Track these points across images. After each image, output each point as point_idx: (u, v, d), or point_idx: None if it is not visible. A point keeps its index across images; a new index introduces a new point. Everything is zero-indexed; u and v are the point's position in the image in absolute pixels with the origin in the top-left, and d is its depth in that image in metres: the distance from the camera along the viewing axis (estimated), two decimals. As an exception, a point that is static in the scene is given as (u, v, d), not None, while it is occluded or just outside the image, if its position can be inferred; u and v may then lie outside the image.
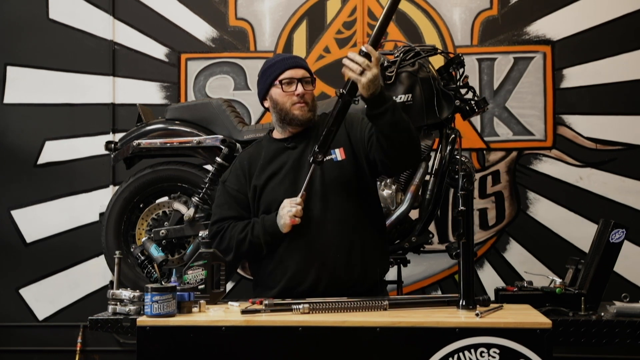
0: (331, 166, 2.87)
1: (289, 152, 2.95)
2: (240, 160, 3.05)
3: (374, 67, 2.63)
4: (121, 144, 3.63)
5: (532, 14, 4.21)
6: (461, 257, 2.55)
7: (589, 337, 2.82)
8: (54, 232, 4.41)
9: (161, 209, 3.60)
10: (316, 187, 2.84)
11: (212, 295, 2.75)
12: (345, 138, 2.92)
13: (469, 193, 2.56)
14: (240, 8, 4.38)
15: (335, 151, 2.89)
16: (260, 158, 2.99)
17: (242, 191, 2.97)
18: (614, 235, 2.95)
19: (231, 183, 3.00)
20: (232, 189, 2.98)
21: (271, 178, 2.92)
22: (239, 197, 2.96)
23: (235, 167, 3.04)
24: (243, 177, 2.98)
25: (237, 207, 2.96)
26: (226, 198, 2.99)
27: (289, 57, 3.02)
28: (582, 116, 4.17)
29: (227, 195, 2.99)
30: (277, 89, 2.93)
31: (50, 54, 4.43)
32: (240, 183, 2.98)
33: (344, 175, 2.87)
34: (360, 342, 2.33)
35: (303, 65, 2.97)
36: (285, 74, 2.92)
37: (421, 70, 3.31)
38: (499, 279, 4.14)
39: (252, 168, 2.97)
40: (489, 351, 2.29)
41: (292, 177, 2.89)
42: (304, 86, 2.91)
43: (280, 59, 2.99)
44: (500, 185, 4.22)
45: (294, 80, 2.90)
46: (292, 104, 2.90)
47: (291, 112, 2.91)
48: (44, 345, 4.37)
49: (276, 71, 2.94)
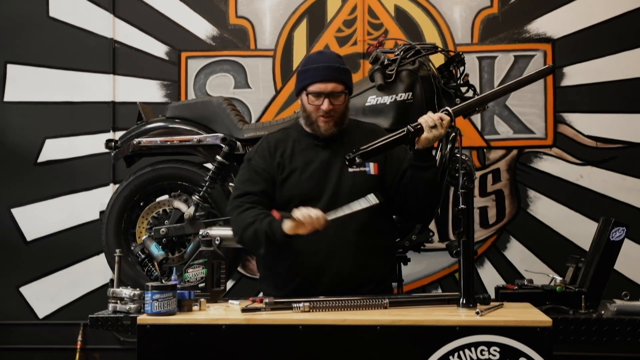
0: (363, 178, 2.86)
1: (318, 149, 2.92)
2: (267, 142, 2.98)
3: (443, 128, 2.76)
4: (121, 142, 3.63)
5: (533, 12, 4.21)
6: (461, 256, 2.55)
7: (590, 335, 2.83)
8: (55, 230, 4.41)
9: (161, 207, 3.60)
10: (344, 194, 2.81)
11: (212, 293, 2.75)
12: (382, 157, 2.90)
13: (469, 191, 2.57)
14: (240, 6, 4.38)
15: (369, 165, 2.88)
16: (287, 146, 2.94)
17: (269, 170, 2.90)
18: (615, 234, 2.95)
19: (256, 162, 2.93)
20: (257, 166, 2.92)
21: (296, 171, 2.89)
22: (264, 174, 2.90)
23: (262, 147, 2.97)
24: (270, 157, 2.92)
25: (262, 182, 2.89)
26: (251, 174, 2.92)
27: (322, 67, 2.86)
28: (582, 114, 4.16)
29: (252, 171, 2.92)
30: (305, 97, 2.88)
31: (51, 52, 4.42)
32: (266, 162, 2.91)
33: (372, 189, 2.82)
34: (360, 341, 2.34)
35: (335, 78, 2.86)
36: (313, 87, 2.85)
37: (421, 69, 3.31)
38: (499, 277, 4.14)
39: (279, 153, 2.92)
40: (490, 349, 2.29)
41: (318, 177, 2.87)
42: (332, 101, 2.84)
43: (313, 67, 2.87)
44: (501, 183, 4.22)
45: (322, 94, 2.84)
46: (318, 116, 2.86)
47: (316, 123, 2.88)
48: (45, 343, 4.37)
49: (306, 80, 2.87)
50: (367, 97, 3.29)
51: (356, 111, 3.24)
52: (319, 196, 2.81)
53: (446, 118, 2.78)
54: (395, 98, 3.26)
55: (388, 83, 3.25)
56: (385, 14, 4.28)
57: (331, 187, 2.84)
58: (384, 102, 3.28)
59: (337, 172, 2.87)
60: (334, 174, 2.87)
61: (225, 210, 3.00)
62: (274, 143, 2.96)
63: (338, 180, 2.86)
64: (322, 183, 2.85)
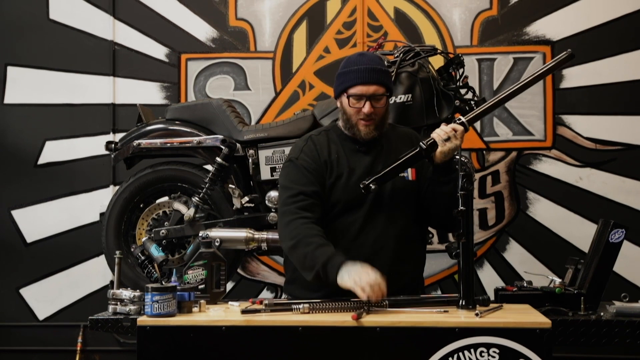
0: (402, 184, 2.84)
1: (360, 155, 2.87)
2: (313, 142, 2.88)
3: (458, 139, 2.72)
4: (121, 144, 3.63)
5: (532, 14, 4.21)
6: (461, 257, 2.55)
7: (589, 337, 2.82)
8: (55, 232, 4.42)
9: (161, 209, 3.61)
10: (385, 200, 2.79)
11: (212, 295, 2.76)
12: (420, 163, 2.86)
13: (468, 193, 2.57)
14: (240, 8, 4.38)
15: (408, 170, 2.86)
16: (332, 149, 2.87)
17: (318, 170, 2.81)
18: (614, 235, 2.95)
19: (305, 161, 2.83)
20: (308, 165, 2.82)
21: (342, 176, 2.83)
22: (315, 174, 2.81)
23: (309, 147, 2.87)
24: (319, 157, 2.84)
25: (314, 182, 2.79)
26: (302, 173, 2.81)
27: (364, 69, 2.77)
28: (581, 116, 4.17)
29: (303, 170, 2.81)
30: (345, 100, 2.81)
31: (51, 54, 4.43)
32: (316, 162, 2.83)
33: (410, 195, 2.84)
34: (360, 342, 2.34)
35: (377, 80, 2.78)
36: (355, 89, 2.77)
37: (421, 71, 3.32)
38: (498, 278, 4.14)
39: (326, 154, 2.85)
40: (489, 351, 2.29)
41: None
42: (374, 103, 2.77)
43: (355, 68, 2.78)
44: (500, 185, 4.22)
45: (363, 97, 2.77)
46: (358, 119, 2.80)
47: (356, 127, 2.82)
48: (45, 345, 4.37)
49: (347, 82, 2.79)
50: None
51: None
52: (362, 202, 2.77)
53: (459, 128, 2.74)
54: (395, 100, 3.27)
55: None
56: (385, 16, 4.28)
57: (373, 193, 2.79)
58: (383, 103, 3.28)
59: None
60: None
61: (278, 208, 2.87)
62: (319, 144, 2.88)
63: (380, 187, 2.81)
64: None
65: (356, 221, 2.80)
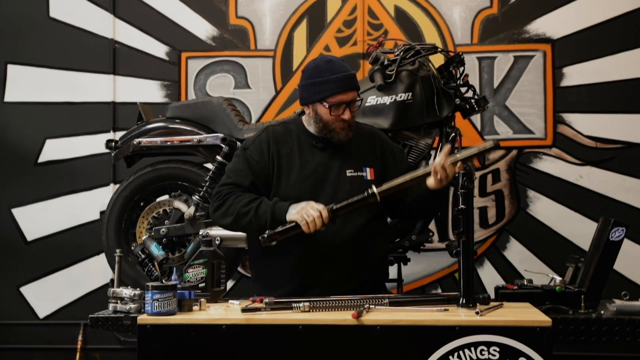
0: (360, 182, 2.84)
1: (315, 151, 2.89)
2: (267, 134, 2.92)
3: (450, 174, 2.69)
4: (122, 143, 3.63)
5: (532, 12, 4.21)
6: (461, 256, 2.56)
7: (589, 335, 2.83)
8: (55, 230, 4.42)
9: (162, 207, 3.61)
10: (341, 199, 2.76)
11: (212, 293, 2.76)
12: (379, 162, 2.90)
13: (469, 191, 2.57)
14: (240, 7, 4.38)
15: (366, 169, 2.88)
16: (287, 143, 2.90)
17: (262, 164, 2.87)
18: (614, 234, 2.95)
19: (252, 153, 2.89)
20: (252, 158, 2.88)
21: (292, 171, 2.85)
22: (257, 168, 2.87)
23: (261, 139, 2.92)
24: (267, 152, 2.88)
25: (252, 177, 2.86)
26: (244, 165, 2.89)
27: (342, 77, 2.81)
28: (582, 114, 4.17)
29: (246, 162, 2.88)
30: (323, 108, 2.82)
31: (51, 52, 4.43)
32: (262, 156, 2.88)
33: None
34: (360, 341, 2.34)
35: (353, 86, 2.84)
36: (334, 98, 2.80)
37: (421, 69, 3.32)
38: (499, 277, 4.14)
39: (277, 148, 2.88)
40: (489, 349, 2.29)
41: (315, 180, 2.84)
42: (351, 107, 2.82)
43: (332, 77, 2.80)
44: (500, 183, 4.22)
45: (343, 104, 2.80)
46: (337, 125, 2.83)
47: (334, 132, 2.84)
48: (45, 343, 4.38)
49: (327, 92, 2.80)
50: (367, 97, 3.30)
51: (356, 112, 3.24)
52: (314, 200, 2.76)
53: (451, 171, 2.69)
54: (395, 98, 3.27)
55: (388, 83, 3.26)
56: (385, 15, 4.28)
57: (328, 191, 2.82)
58: (383, 102, 3.29)
59: (334, 175, 2.85)
60: (332, 177, 2.85)
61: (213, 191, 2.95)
62: (273, 137, 2.91)
63: (335, 184, 2.84)
64: (318, 186, 2.83)
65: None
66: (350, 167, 2.87)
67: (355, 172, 2.86)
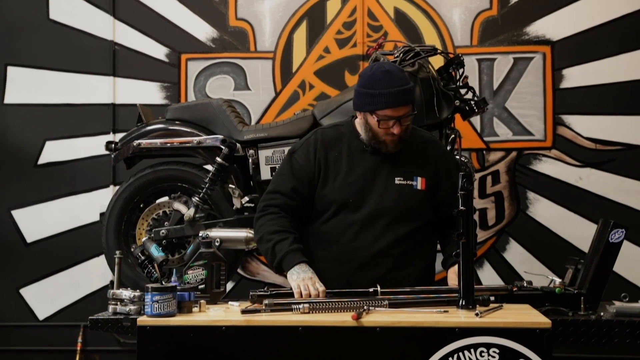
0: (409, 192, 2.81)
1: (365, 154, 2.84)
2: (315, 137, 2.89)
3: None
4: (121, 144, 3.64)
5: (532, 14, 4.21)
6: (461, 257, 2.55)
7: (589, 337, 2.83)
8: (55, 232, 4.42)
9: (161, 209, 3.61)
10: (387, 206, 2.76)
11: (212, 295, 2.75)
12: (433, 174, 2.85)
13: (468, 193, 2.57)
14: (240, 8, 4.38)
15: (417, 179, 2.82)
16: (336, 147, 2.86)
17: (307, 168, 2.84)
18: (614, 235, 2.95)
19: (299, 157, 2.86)
20: (297, 162, 2.86)
21: (339, 175, 2.82)
22: (301, 172, 2.84)
23: (309, 142, 2.89)
24: (313, 155, 2.84)
25: (294, 181, 2.84)
26: (288, 169, 2.87)
27: (395, 92, 2.70)
28: (581, 116, 4.17)
29: (290, 167, 2.87)
30: (373, 119, 2.75)
31: (51, 54, 4.43)
32: (307, 160, 2.85)
33: (416, 203, 2.81)
34: (360, 342, 2.34)
35: (406, 101, 2.73)
36: (385, 112, 2.71)
37: (421, 71, 3.32)
38: (498, 278, 4.14)
39: (325, 152, 2.85)
40: (489, 351, 2.29)
41: (361, 185, 2.79)
42: (402, 122, 2.73)
43: (385, 92, 2.70)
44: (500, 185, 4.22)
45: (392, 118, 2.72)
46: (386, 138, 2.77)
47: (383, 142, 2.78)
48: (45, 345, 4.37)
49: (377, 105, 2.72)
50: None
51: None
52: (360, 205, 2.75)
53: None
54: (395, 100, 3.26)
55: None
56: (385, 16, 4.28)
57: (375, 197, 2.79)
58: (383, 103, 3.28)
59: (382, 182, 2.81)
60: (380, 183, 2.81)
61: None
62: (322, 140, 2.87)
63: (383, 191, 2.79)
64: (364, 191, 2.78)
65: (354, 224, 2.78)
66: (400, 175, 2.82)
67: (404, 181, 2.81)
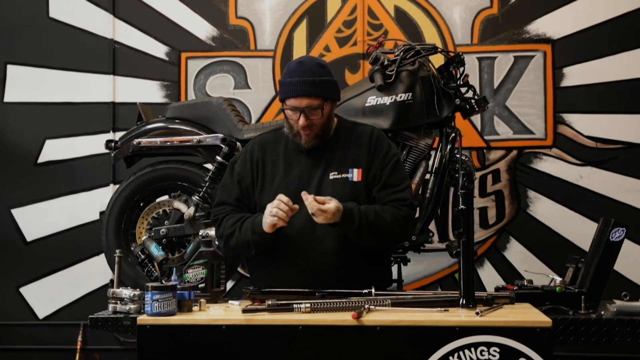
0: (344, 185, 2.81)
1: (301, 156, 2.87)
2: (252, 145, 2.96)
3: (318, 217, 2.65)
4: (121, 143, 3.63)
5: (533, 12, 4.21)
6: (461, 256, 2.55)
7: (589, 336, 2.83)
8: (55, 230, 4.41)
9: (161, 207, 3.60)
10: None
11: (212, 294, 2.75)
12: (367, 162, 2.84)
13: (469, 192, 2.57)
14: (240, 7, 4.38)
15: (353, 171, 2.83)
16: (274, 150, 2.90)
17: (244, 175, 2.90)
18: (614, 234, 2.95)
19: (238, 166, 2.93)
20: (237, 172, 2.92)
21: (276, 178, 2.86)
22: (240, 181, 2.90)
23: (247, 149, 2.97)
24: (250, 162, 2.91)
25: (237, 190, 2.90)
26: (230, 180, 2.93)
27: (297, 82, 2.75)
28: (582, 115, 4.17)
29: (232, 177, 2.93)
30: (287, 110, 2.81)
31: (51, 52, 4.43)
32: (244, 167, 2.91)
33: (354, 195, 2.80)
34: (360, 341, 2.34)
35: (309, 93, 2.74)
36: (289, 102, 2.77)
37: (421, 69, 3.31)
38: (499, 277, 4.14)
39: (262, 157, 2.89)
40: (489, 350, 2.29)
41: (297, 185, 2.80)
42: (309, 115, 2.75)
43: (289, 80, 2.77)
44: (501, 184, 4.22)
45: (297, 109, 2.76)
46: (298, 129, 2.80)
47: (297, 136, 2.82)
48: (45, 343, 4.37)
49: (283, 94, 2.80)
50: (367, 97, 3.30)
51: (356, 112, 3.24)
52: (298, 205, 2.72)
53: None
54: (395, 98, 3.27)
55: (388, 83, 3.26)
56: (385, 15, 4.28)
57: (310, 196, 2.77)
58: (384, 102, 3.29)
59: (318, 179, 2.83)
60: (314, 181, 2.83)
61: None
62: (259, 145, 2.94)
63: (318, 187, 2.81)
64: (301, 191, 2.74)
65: (295, 224, 2.75)
66: (335, 170, 2.83)
67: (339, 174, 2.82)
